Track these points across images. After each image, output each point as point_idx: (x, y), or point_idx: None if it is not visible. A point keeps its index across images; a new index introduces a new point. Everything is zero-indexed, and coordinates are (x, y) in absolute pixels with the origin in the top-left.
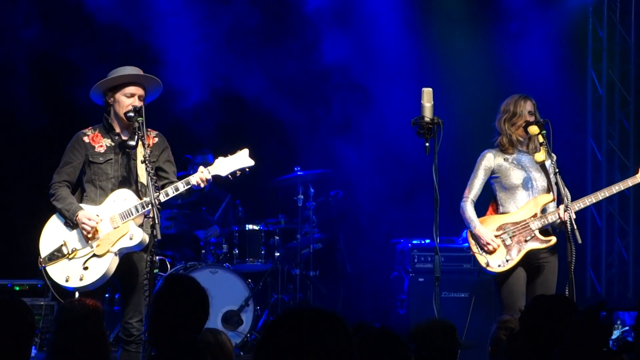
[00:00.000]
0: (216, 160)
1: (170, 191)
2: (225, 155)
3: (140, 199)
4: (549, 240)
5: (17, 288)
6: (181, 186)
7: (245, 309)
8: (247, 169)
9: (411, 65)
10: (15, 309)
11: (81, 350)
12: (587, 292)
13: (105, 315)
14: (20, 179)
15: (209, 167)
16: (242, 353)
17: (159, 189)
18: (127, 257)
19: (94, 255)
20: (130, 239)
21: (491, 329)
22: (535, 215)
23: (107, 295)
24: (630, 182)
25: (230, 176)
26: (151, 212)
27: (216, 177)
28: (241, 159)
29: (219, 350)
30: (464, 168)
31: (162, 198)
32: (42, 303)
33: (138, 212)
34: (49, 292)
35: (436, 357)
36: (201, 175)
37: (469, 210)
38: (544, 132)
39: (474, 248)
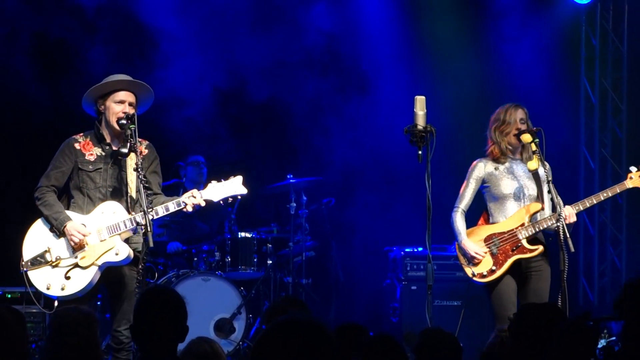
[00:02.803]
0: (209, 185)
1: (161, 211)
2: (219, 180)
3: (129, 212)
4: (535, 250)
5: (9, 295)
6: (172, 207)
7: (237, 317)
8: (239, 197)
9: (404, 72)
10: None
11: (73, 357)
12: (579, 301)
13: (98, 323)
14: (9, 185)
15: (201, 191)
16: None
17: (151, 193)
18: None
19: (78, 266)
20: (116, 254)
21: (490, 337)
22: (522, 225)
23: (99, 303)
24: (618, 189)
25: (221, 202)
26: (144, 220)
27: (207, 201)
28: (234, 186)
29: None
30: (457, 176)
31: (150, 217)
32: (34, 310)
33: (126, 227)
34: (40, 299)
35: None
36: (194, 201)
37: (458, 221)
38: (537, 140)
39: (462, 260)
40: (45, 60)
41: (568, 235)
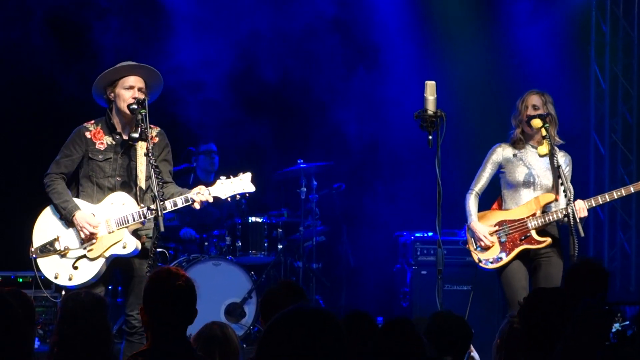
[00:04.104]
0: (218, 181)
1: (169, 205)
2: (228, 177)
3: (138, 203)
4: (544, 241)
5: (21, 280)
6: (180, 202)
7: (248, 302)
8: (248, 194)
9: (415, 56)
10: (14, 300)
11: (84, 341)
12: None
13: (109, 308)
14: (22, 169)
15: (209, 188)
16: (244, 345)
17: (161, 181)
18: None
19: (85, 256)
20: (124, 247)
21: (502, 323)
22: (534, 214)
23: (110, 288)
24: (632, 189)
25: (229, 199)
26: (155, 204)
27: (215, 198)
28: (243, 184)
29: (226, 344)
30: (467, 161)
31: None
32: (47, 295)
33: (134, 220)
34: (50, 284)
35: (451, 350)
36: (201, 198)
37: (471, 203)
38: (547, 125)
39: (470, 243)
40: (60, 44)
41: (578, 220)
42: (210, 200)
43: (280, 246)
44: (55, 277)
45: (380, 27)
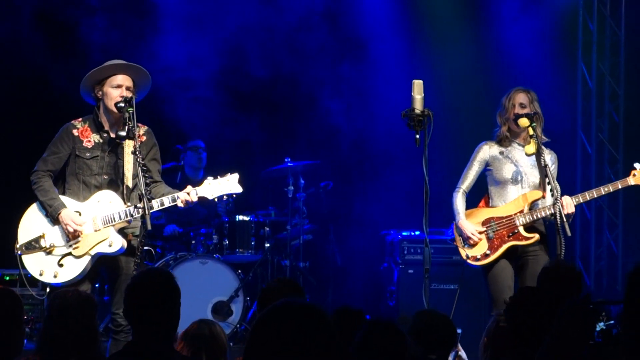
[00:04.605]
0: (205, 181)
1: (156, 205)
2: (215, 177)
3: (125, 202)
4: (532, 237)
5: (7, 278)
6: (167, 202)
7: (235, 300)
8: (234, 195)
9: (402, 58)
10: (4, 299)
11: (71, 339)
12: None
13: (97, 306)
14: (9, 167)
15: (197, 188)
16: (231, 344)
17: (149, 178)
18: None
19: (71, 254)
20: (109, 245)
21: (488, 322)
22: (522, 211)
23: (97, 286)
24: (619, 185)
25: (216, 199)
26: (142, 203)
27: (201, 198)
28: (230, 184)
29: (213, 342)
30: (455, 160)
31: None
32: (33, 293)
33: (121, 219)
34: (37, 282)
35: (436, 348)
36: (187, 198)
37: (458, 201)
38: (534, 124)
39: (458, 241)
40: (49, 41)
41: (565, 220)
42: (195, 199)
43: (267, 245)
44: (40, 274)
45: (368, 25)
